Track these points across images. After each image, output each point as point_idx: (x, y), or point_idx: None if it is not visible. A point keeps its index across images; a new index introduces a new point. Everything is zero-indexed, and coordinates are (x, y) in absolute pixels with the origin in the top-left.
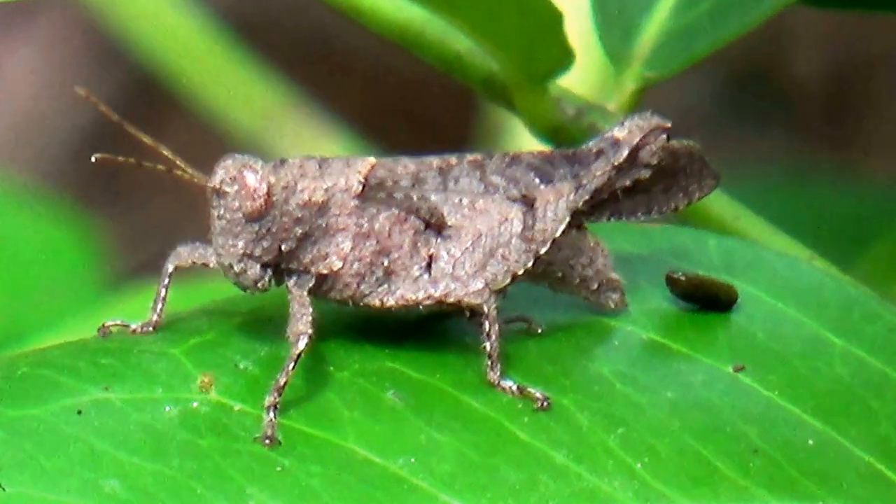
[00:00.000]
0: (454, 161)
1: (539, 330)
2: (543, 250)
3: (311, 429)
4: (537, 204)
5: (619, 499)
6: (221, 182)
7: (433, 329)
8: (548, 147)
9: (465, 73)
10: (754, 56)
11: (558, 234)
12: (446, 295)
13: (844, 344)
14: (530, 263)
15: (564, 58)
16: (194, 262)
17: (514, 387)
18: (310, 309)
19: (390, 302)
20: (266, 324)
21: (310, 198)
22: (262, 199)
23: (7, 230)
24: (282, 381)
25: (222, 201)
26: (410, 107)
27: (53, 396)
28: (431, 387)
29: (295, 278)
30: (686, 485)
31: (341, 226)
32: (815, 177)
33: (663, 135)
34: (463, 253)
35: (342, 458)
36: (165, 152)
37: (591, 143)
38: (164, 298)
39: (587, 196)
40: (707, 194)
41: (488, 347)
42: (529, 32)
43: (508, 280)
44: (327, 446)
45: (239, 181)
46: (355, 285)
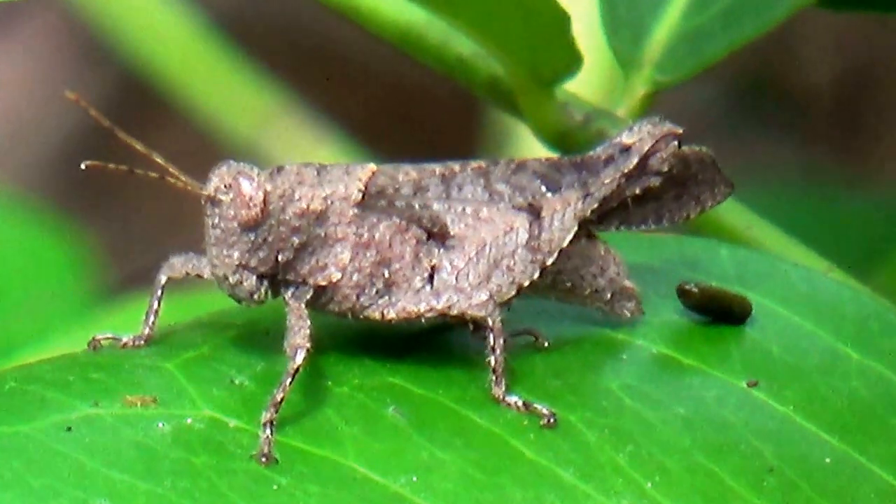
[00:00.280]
0: (457, 168)
1: (545, 344)
2: (550, 261)
3: (309, 446)
4: (544, 213)
5: None
6: (216, 190)
7: (435, 343)
8: (554, 154)
9: (469, 77)
10: (765, 61)
11: (565, 245)
12: (449, 307)
13: (862, 358)
14: (536, 275)
15: (572, 61)
16: (188, 273)
17: (520, 402)
18: (308, 322)
19: (391, 314)
20: (262, 337)
21: (308, 206)
22: (258, 208)
23: None
24: (279, 397)
25: (217, 210)
26: (412, 112)
27: (42, 412)
28: (434, 402)
29: (292, 290)
30: None
31: (340, 235)
32: (829, 184)
33: (674, 141)
34: (466, 264)
35: (341, 477)
36: (158, 159)
37: (600, 150)
38: (157, 311)
39: (595, 204)
40: (720, 203)
41: (493, 362)
42: (535, 35)
43: (514, 292)
44: (326, 464)
45: (234, 189)
46: (355, 297)
